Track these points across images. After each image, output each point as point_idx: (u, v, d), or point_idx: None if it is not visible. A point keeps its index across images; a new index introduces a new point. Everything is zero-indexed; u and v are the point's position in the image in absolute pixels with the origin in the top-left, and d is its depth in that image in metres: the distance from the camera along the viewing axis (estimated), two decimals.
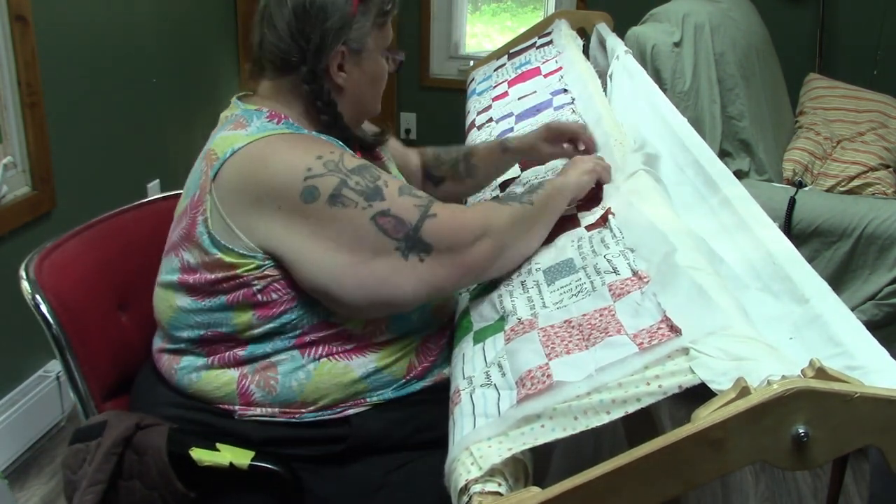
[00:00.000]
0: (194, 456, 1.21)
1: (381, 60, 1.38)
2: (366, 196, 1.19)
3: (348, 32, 1.30)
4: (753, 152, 2.87)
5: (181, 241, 1.27)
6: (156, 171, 2.99)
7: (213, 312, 1.26)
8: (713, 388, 0.84)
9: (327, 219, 1.18)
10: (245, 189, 1.20)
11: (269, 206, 1.19)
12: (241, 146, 1.22)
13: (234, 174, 1.21)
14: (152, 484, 1.23)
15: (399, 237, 1.19)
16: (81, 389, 1.36)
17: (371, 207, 1.19)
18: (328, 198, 1.18)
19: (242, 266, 1.22)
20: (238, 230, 1.21)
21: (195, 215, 1.25)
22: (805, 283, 1.10)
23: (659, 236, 1.14)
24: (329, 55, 1.30)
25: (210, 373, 1.28)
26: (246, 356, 1.27)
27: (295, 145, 1.24)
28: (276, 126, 1.28)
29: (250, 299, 1.23)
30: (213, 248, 1.22)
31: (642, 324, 0.97)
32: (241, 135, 1.25)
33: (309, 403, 1.26)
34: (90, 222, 1.50)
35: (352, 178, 1.20)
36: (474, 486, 0.88)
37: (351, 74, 1.33)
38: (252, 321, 1.25)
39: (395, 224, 1.19)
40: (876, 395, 0.79)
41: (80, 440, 1.27)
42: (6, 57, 2.21)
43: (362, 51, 1.33)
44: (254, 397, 1.26)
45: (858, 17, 3.50)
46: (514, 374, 1.00)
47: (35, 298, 1.33)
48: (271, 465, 1.23)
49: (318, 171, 1.19)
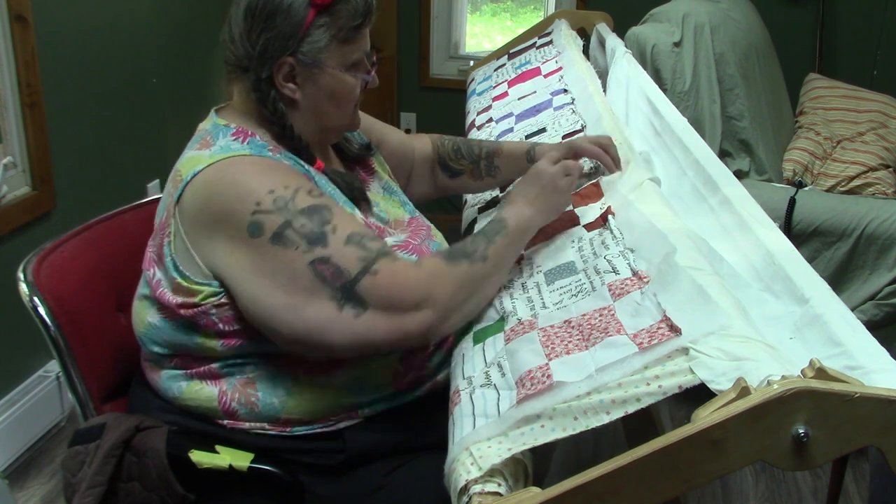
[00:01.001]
0: (194, 458, 1.21)
1: (343, 77, 1.30)
2: (308, 240, 1.16)
3: (298, 44, 1.25)
4: (753, 152, 2.87)
5: (155, 258, 1.28)
6: (156, 171, 2.99)
7: (180, 334, 1.25)
8: (713, 388, 0.84)
9: (268, 256, 1.16)
10: (201, 214, 1.20)
11: (221, 234, 1.18)
12: (202, 168, 1.21)
13: (193, 199, 1.21)
14: (152, 486, 1.23)
15: (336, 286, 1.15)
16: (80, 391, 1.35)
17: (311, 252, 1.15)
18: (272, 236, 1.15)
19: (199, 293, 1.21)
20: (196, 255, 1.21)
21: (163, 237, 1.25)
22: (805, 284, 1.10)
23: (659, 236, 1.14)
24: (273, 65, 1.26)
25: (191, 385, 1.28)
26: (220, 368, 1.26)
27: (251, 174, 1.20)
28: (241, 146, 1.25)
29: (213, 329, 1.23)
30: (175, 273, 1.23)
31: (642, 324, 0.97)
32: (203, 156, 1.23)
33: (294, 420, 1.25)
34: (88, 223, 1.50)
35: (298, 219, 1.16)
36: (474, 487, 0.88)
37: (304, 88, 1.29)
38: (218, 348, 1.24)
39: (333, 272, 1.15)
40: (876, 395, 0.79)
41: (80, 442, 1.27)
42: (6, 57, 2.21)
43: (316, 65, 1.27)
44: (238, 414, 1.26)
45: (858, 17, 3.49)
46: (513, 374, 1.00)
47: (33, 300, 1.32)
48: (271, 466, 1.22)
49: (266, 208, 1.16)
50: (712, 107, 2.80)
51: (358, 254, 1.17)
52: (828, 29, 3.51)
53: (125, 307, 1.47)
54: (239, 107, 1.32)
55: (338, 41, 1.27)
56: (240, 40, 1.27)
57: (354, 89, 1.33)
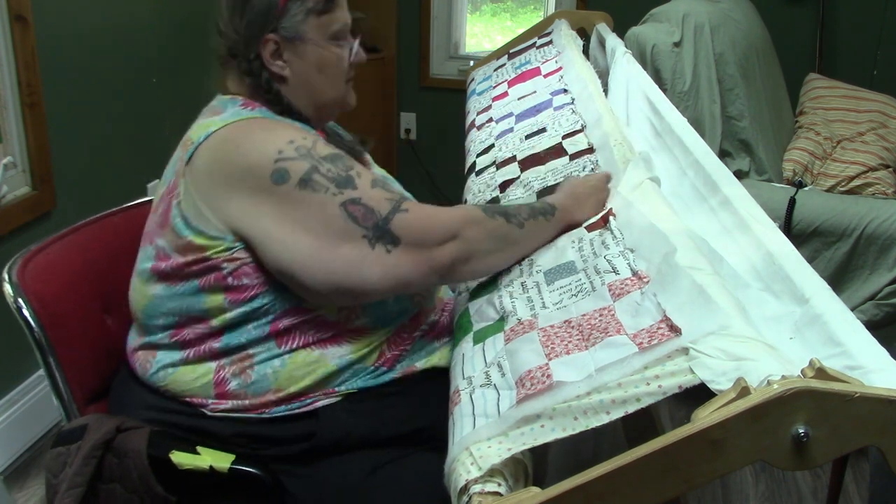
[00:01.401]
0: (174, 459, 1.21)
1: (327, 48, 1.35)
2: (337, 183, 1.20)
3: (277, 20, 1.30)
4: (753, 152, 2.87)
5: (156, 228, 1.29)
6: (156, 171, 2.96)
7: (185, 297, 1.27)
8: (713, 388, 0.84)
9: (296, 201, 1.19)
10: (217, 170, 1.22)
11: (240, 187, 1.20)
12: (216, 129, 1.25)
13: (208, 156, 1.24)
14: (132, 487, 1.23)
15: (368, 225, 1.19)
16: (64, 393, 1.35)
17: (342, 194, 1.19)
18: (298, 181, 1.19)
19: (212, 248, 1.23)
20: (208, 212, 1.22)
21: (170, 200, 1.27)
22: (805, 283, 1.10)
23: (659, 237, 1.14)
24: (258, 44, 1.31)
25: (186, 367, 1.28)
26: (221, 348, 1.27)
27: (268, 129, 1.26)
28: (251, 112, 1.30)
29: (221, 283, 1.24)
30: (185, 231, 1.24)
31: (642, 324, 0.97)
32: (215, 120, 1.28)
33: (280, 391, 1.26)
34: (76, 225, 1.50)
35: (323, 164, 1.21)
36: (474, 487, 0.88)
37: (291, 64, 1.34)
38: (224, 305, 1.25)
39: (364, 212, 1.19)
40: (876, 395, 0.78)
41: (62, 443, 1.27)
42: (6, 57, 2.21)
43: (298, 39, 1.32)
44: (229, 387, 1.26)
45: (858, 17, 3.49)
46: (513, 374, 1.00)
47: (17, 301, 1.32)
48: (251, 468, 1.23)
49: (289, 155, 1.20)
50: (712, 107, 2.79)
51: (385, 195, 1.22)
52: (828, 29, 3.51)
53: (111, 309, 1.48)
54: (235, 90, 1.37)
55: (315, 13, 1.32)
56: (226, 29, 1.33)
57: (341, 60, 1.38)
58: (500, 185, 1.73)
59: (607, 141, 1.58)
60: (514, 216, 1.28)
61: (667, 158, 1.64)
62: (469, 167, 1.92)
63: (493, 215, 1.26)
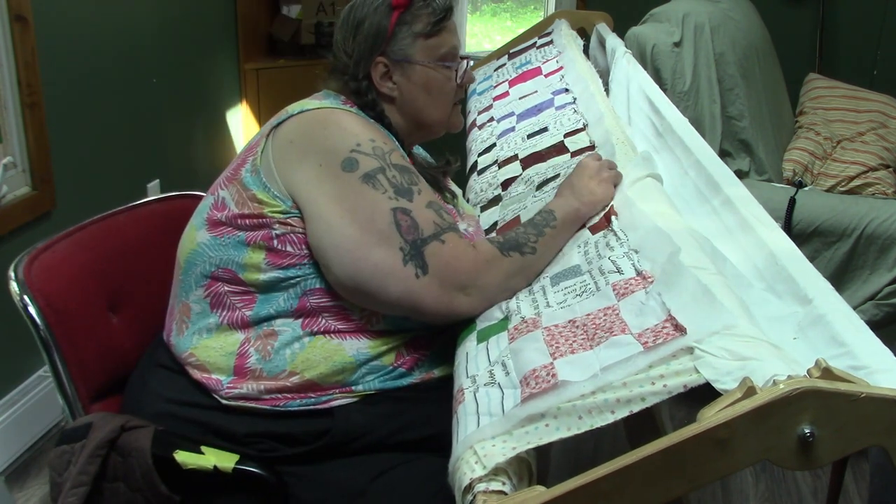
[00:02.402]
0: (178, 459, 1.21)
1: (435, 69, 1.42)
2: (396, 189, 1.25)
3: (385, 44, 1.39)
4: (753, 152, 2.87)
5: (223, 181, 1.35)
6: (156, 171, 2.99)
7: (228, 247, 1.30)
8: (718, 387, 0.84)
9: (355, 191, 1.24)
10: (298, 140, 1.29)
11: (312, 161, 1.26)
12: (311, 108, 1.33)
13: (295, 127, 1.31)
14: (136, 486, 1.23)
15: (408, 239, 1.22)
16: (68, 391, 1.36)
17: (397, 200, 1.24)
18: (363, 174, 1.24)
19: (270, 206, 1.27)
20: (278, 174, 1.28)
21: (247, 156, 1.33)
22: (808, 284, 1.10)
23: (663, 237, 1.14)
24: (367, 66, 1.40)
25: (220, 333, 1.30)
26: (252, 317, 1.29)
27: (356, 121, 1.32)
28: (349, 108, 1.38)
29: (267, 242, 1.28)
30: (252, 184, 1.29)
31: (647, 323, 0.96)
32: (313, 102, 1.37)
33: (295, 374, 1.27)
34: (82, 224, 1.50)
35: (391, 169, 1.27)
36: (478, 485, 0.88)
37: (400, 85, 1.42)
38: (261, 265, 1.28)
39: (409, 225, 1.23)
40: (882, 395, 0.78)
41: (66, 441, 1.28)
42: (6, 57, 2.21)
43: (406, 62, 1.40)
44: (248, 361, 1.27)
45: (858, 17, 3.50)
46: (518, 373, 1.00)
47: (23, 299, 1.33)
48: (255, 468, 1.23)
49: (365, 150, 1.27)
50: (712, 107, 2.80)
51: (435, 219, 1.25)
52: (828, 29, 3.51)
53: (117, 308, 1.48)
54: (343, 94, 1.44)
55: (423, 37, 1.40)
56: (343, 53, 1.42)
57: (448, 81, 1.45)
58: (502, 184, 1.73)
59: (609, 139, 1.58)
60: (525, 244, 1.29)
61: (668, 158, 1.64)
62: (471, 166, 1.93)
63: (508, 252, 1.27)
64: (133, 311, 1.48)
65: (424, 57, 1.41)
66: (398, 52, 1.39)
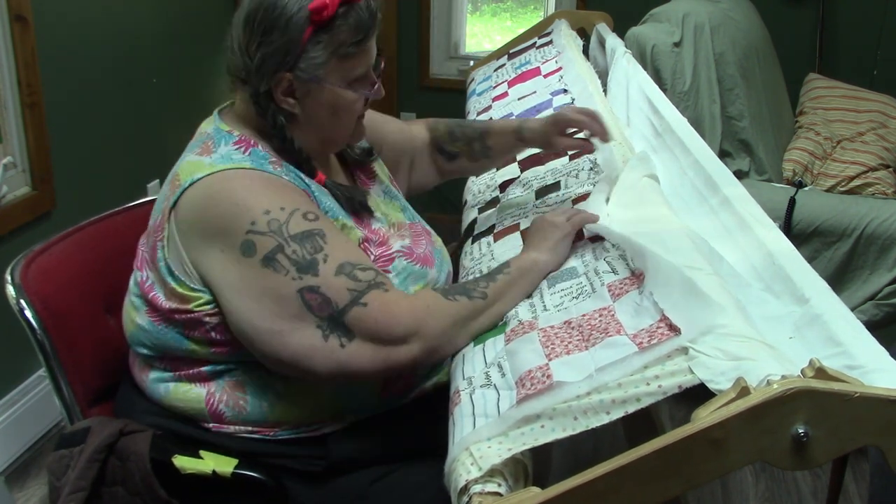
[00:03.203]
0: (177, 463, 1.21)
1: (344, 93, 1.27)
2: (298, 267, 1.14)
3: (296, 60, 1.22)
4: (753, 152, 2.87)
5: (147, 259, 1.27)
6: (156, 171, 2.99)
7: (168, 338, 1.25)
8: (712, 387, 0.84)
9: (258, 277, 1.15)
10: (197, 224, 1.19)
11: (215, 247, 1.17)
12: (201, 177, 1.19)
13: (191, 207, 1.19)
14: (135, 490, 1.23)
15: (322, 316, 1.14)
16: (66, 395, 1.35)
17: (300, 280, 1.14)
18: (262, 258, 1.14)
19: (194, 300, 1.21)
20: (189, 261, 1.20)
21: (156, 240, 1.24)
22: (805, 283, 1.10)
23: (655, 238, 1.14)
24: (270, 80, 1.23)
25: (178, 386, 1.27)
26: (210, 372, 1.26)
27: (249, 190, 1.19)
28: (242, 156, 1.23)
29: (205, 336, 1.23)
30: (169, 277, 1.22)
31: (642, 323, 0.97)
32: (204, 163, 1.22)
33: (281, 422, 1.25)
34: (79, 225, 1.49)
35: (290, 245, 1.15)
36: (474, 487, 0.88)
37: (303, 103, 1.26)
38: (209, 356, 1.25)
39: (320, 302, 1.14)
40: (876, 395, 0.79)
41: (64, 446, 1.26)
42: (6, 57, 2.21)
43: (314, 81, 1.24)
44: (225, 416, 1.25)
45: (858, 17, 3.49)
46: (513, 374, 1.00)
47: (19, 302, 1.31)
48: (255, 472, 1.22)
49: (260, 229, 1.15)
50: (712, 107, 2.80)
51: (348, 285, 1.15)
52: (828, 29, 3.51)
53: (114, 309, 1.47)
54: (242, 113, 1.31)
55: (338, 57, 1.23)
56: (239, 51, 1.25)
57: (356, 103, 1.30)
58: (500, 185, 1.74)
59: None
60: (474, 289, 1.21)
61: (667, 158, 1.64)
62: None
63: (453, 297, 1.20)
64: None
65: (336, 79, 1.25)
66: (307, 70, 1.22)
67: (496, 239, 1.47)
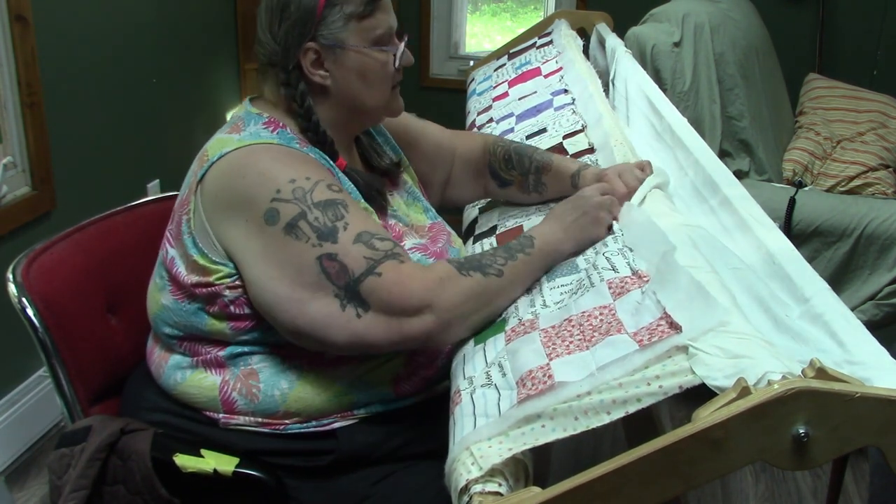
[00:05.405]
0: (178, 462, 1.21)
1: (370, 53, 1.30)
2: (319, 234, 1.16)
3: (316, 28, 1.27)
4: (753, 152, 2.87)
5: (171, 237, 1.29)
6: (156, 171, 2.99)
7: (190, 316, 1.27)
8: (710, 384, 0.84)
9: (279, 245, 1.17)
10: (222, 194, 1.21)
11: (239, 218, 1.20)
12: (229, 151, 1.23)
13: (217, 179, 1.22)
14: (136, 489, 1.23)
15: (340, 284, 1.15)
16: (67, 393, 1.35)
17: (320, 247, 1.16)
18: (285, 225, 1.17)
19: (215, 273, 1.22)
20: (212, 233, 1.22)
21: (181, 215, 1.26)
22: (805, 283, 1.10)
23: (658, 234, 1.14)
24: (297, 53, 1.28)
25: (195, 374, 1.28)
26: (226, 357, 1.27)
27: (276, 161, 1.22)
28: (270, 135, 1.27)
29: (224, 310, 1.24)
30: (192, 249, 1.24)
31: (642, 322, 0.97)
32: (232, 139, 1.25)
33: (292, 414, 1.25)
34: (81, 224, 1.50)
35: (313, 212, 1.17)
36: (474, 486, 0.88)
37: (333, 73, 1.30)
38: (226, 331, 1.25)
39: (338, 270, 1.15)
40: (876, 395, 0.79)
41: (66, 444, 1.27)
42: (6, 57, 2.21)
43: (338, 46, 1.28)
44: (236, 405, 1.26)
45: (858, 17, 3.49)
46: (514, 374, 1.00)
47: (21, 301, 1.32)
48: (256, 472, 1.22)
49: (285, 197, 1.17)
50: (712, 107, 2.80)
51: (365, 253, 1.16)
52: (828, 29, 3.51)
53: (116, 308, 1.48)
54: (271, 99, 1.34)
55: (356, 18, 1.28)
56: (265, 38, 1.30)
57: (386, 65, 1.33)
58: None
59: (608, 141, 1.58)
60: (490, 265, 1.20)
61: (667, 158, 1.64)
62: None
63: (467, 272, 1.19)
64: (132, 312, 1.47)
65: (358, 41, 1.29)
66: (329, 36, 1.27)
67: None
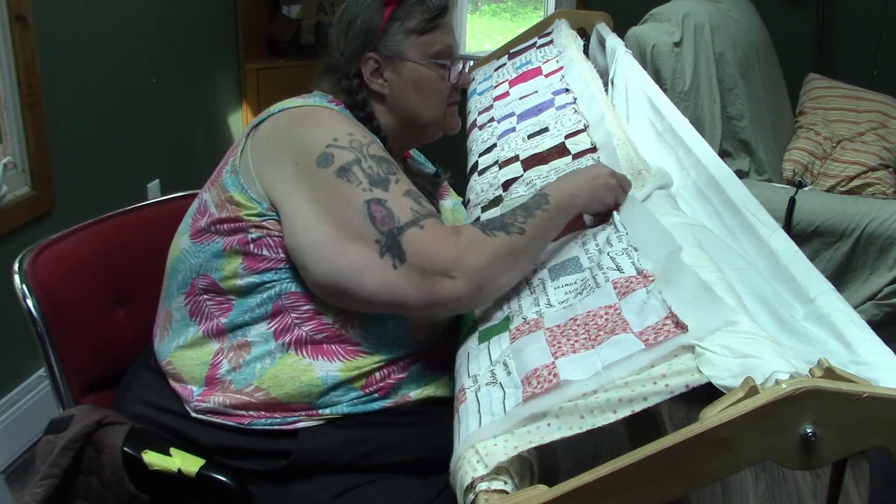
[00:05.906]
0: (146, 458, 1.22)
1: (426, 67, 1.39)
2: (371, 181, 1.21)
3: (377, 40, 1.37)
4: (753, 152, 2.87)
5: (208, 183, 1.34)
6: (156, 171, 2.99)
7: (207, 255, 1.29)
8: (718, 384, 0.84)
9: (329, 187, 1.21)
10: (276, 138, 1.28)
11: (289, 159, 1.24)
12: (292, 107, 1.32)
13: (274, 125, 1.30)
14: (106, 482, 1.24)
15: (383, 230, 1.18)
16: (59, 381, 1.37)
17: (371, 192, 1.20)
18: (338, 168, 1.21)
19: (247, 209, 1.25)
20: (256, 173, 1.26)
21: (228, 157, 1.32)
22: (810, 284, 1.10)
23: (663, 234, 1.14)
24: (358, 61, 1.38)
25: (194, 343, 1.30)
26: (227, 324, 1.28)
27: (336, 117, 1.30)
28: (335, 106, 1.36)
29: (243, 247, 1.26)
30: (230, 185, 1.28)
31: (648, 321, 0.96)
32: (297, 100, 1.35)
33: (261, 391, 1.25)
34: (92, 220, 1.51)
35: (367, 160, 1.23)
36: (480, 485, 0.88)
37: (391, 82, 1.40)
38: (238, 269, 1.27)
39: (384, 215, 1.19)
40: (884, 396, 0.79)
41: (51, 431, 1.29)
42: (6, 57, 2.21)
43: (398, 58, 1.38)
44: (219, 373, 1.27)
45: (858, 17, 3.50)
46: (519, 372, 1.00)
47: (22, 290, 1.34)
48: (219, 475, 1.22)
49: (342, 144, 1.23)
50: (712, 107, 2.80)
51: (412, 206, 1.21)
52: (828, 29, 3.51)
53: (124, 302, 1.50)
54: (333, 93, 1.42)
55: (416, 33, 1.38)
56: (335, 52, 1.41)
57: (441, 80, 1.41)
58: (503, 185, 1.73)
59: (610, 140, 1.58)
60: (512, 224, 1.23)
61: (669, 158, 1.64)
62: (471, 166, 1.92)
63: (491, 233, 1.21)
64: (139, 306, 1.49)
65: (417, 54, 1.38)
66: (390, 48, 1.37)
67: None
